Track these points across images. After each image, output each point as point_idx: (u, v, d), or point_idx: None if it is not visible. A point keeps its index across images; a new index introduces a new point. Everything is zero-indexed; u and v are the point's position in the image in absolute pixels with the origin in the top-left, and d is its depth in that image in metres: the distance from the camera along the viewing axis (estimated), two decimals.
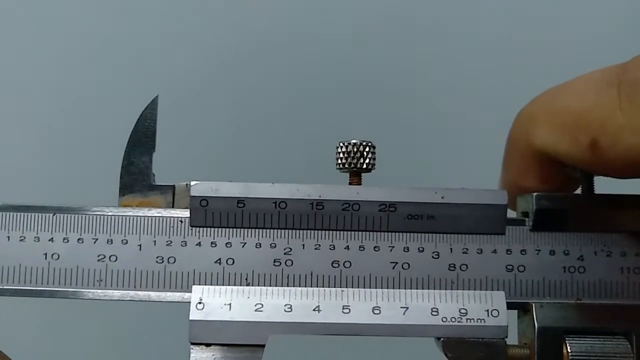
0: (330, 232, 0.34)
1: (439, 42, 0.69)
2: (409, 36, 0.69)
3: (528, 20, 0.70)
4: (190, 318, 0.33)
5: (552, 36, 0.70)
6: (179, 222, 0.34)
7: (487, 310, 0.33)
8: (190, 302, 0.33)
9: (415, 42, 0.69)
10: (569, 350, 0.33)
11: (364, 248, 0.34)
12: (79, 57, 0.68)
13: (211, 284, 0.34)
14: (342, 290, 0.34)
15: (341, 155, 0.35)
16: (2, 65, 0.68)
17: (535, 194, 0.35)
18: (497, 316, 0.33)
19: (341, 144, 0.35)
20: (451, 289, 0.34)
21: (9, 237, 0.34)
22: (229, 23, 0.69)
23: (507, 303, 0.34)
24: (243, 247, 0.34)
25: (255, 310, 0.33)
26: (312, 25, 0.69)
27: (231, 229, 0.34)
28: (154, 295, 0.34)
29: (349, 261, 0.34)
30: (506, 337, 0.33)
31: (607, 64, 0.33)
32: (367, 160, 0.35)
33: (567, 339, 0.34)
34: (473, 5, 0.70)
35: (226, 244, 0.34)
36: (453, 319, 0.33)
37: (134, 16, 0.69)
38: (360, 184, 0.35)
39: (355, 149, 0.35)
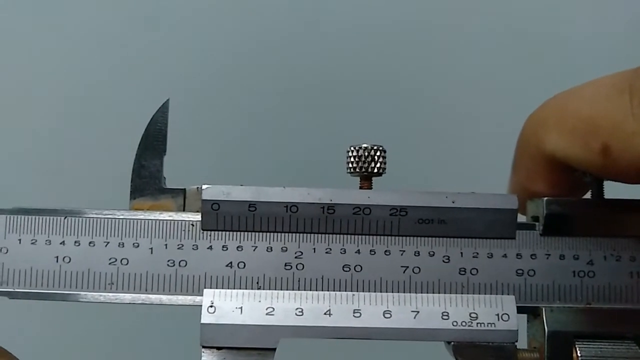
0: (341, 236, 0.34)
1: (451, 46, 0.69)
2: (421, 40, 0.69)
3: (540, 25, 0.70)
4: (202, 321, 0.33)
5: (563, 41, 0.70)
6: (190, 226, 0.34)
7: (498, 315, 0.34)
8: (201, 306, 0.33)
9: (426, 46, 0.69)
10: (579, 355, 0.33)
11: (374, 252, 0.34)
12: (91, 61, 0.68)
13: (222, 288, 0.34)
14: (353, 294, 0.34)
15: (352, 159, 0.35)
16: (13, 68, 0.68)
17: (545, 198, 0.35)
18: (507, 320, 0.33)
19: (352, 148, 0.35)
20: (461, 293, 0.34)
21: (20, 240, 0.34)
22: (240, 26, 0.69)
23: (517, 307, 0.34)
24: (254, 250, 0.34)
25: (267, 314, 0.33)
26: (325, 29, 0.69)
27: (242, 233, 0.34)
28: (165, 298, 0.34)
29: (359, 265, 0.34)
30: (516, 341, 0.34)
31: (615, 64, 0.33)
32: (377, 165, 0.35)
33: (577, 343, 0.34)
34: (486, 9, 0.70)
35: (237, 247, 0.34)
36: (463, 323, 0.33)
37: (146, 19, 0.69)
38: (371, 188, 0.35)
39: (366, 153, 0.35)
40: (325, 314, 0.33)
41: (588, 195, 0.36)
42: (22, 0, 0.69)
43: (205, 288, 0.34)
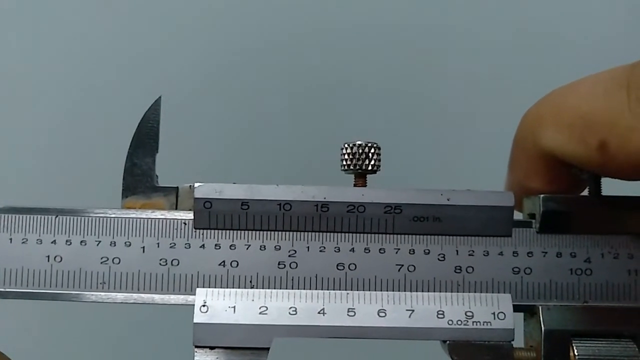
0: (335, 234, 0.34)
1: (444, 43, 0.69)
2: (414, 37, 0.69)
3: (534, 21, 0.70)
4: (195, 321, 0.32)
5: (558, 36, 0.69)
6: (183, 224, 0.34)
7: (494, 313, 0.33)
8: (194, 305, 0.33)
9: (420, 43, 0.69)
10: (576, 353, 0.33)
11: (369, 250, 0.34)
12: (82, 59, 0.68)
13: (215, 287, 0.33)
14: (347, 293, 0.33)
15: (346, 156, 0.35)
16: (4, 67, 0.68)
17: (542, 195, 0.34)
18: (503, 319, 0.33)
19: (346, 145, 0.35)
20: (457, 292, 0.34)
21: (11, 239, 0.33)
22: (232, 24, 0.69)
23: (514, 306, 0.33)
24: (247, 249, 0.34)
25: (260, 313, 0.33)
26: (317, 27, 0.69)
27: (235, 231, 0.34)
28: (157, 298, 0.33)
29: (354, 263, 0.34)
30: (512, 340, 0.33)
31: (613, 63, 0.32)
32: (372, 162, 0.35)
33: (573, 341, 0.33)
34: (478, 7, 0.69)
35: (230, 246, 0.34)
36: (459, 322, 0.33)
37: (137, 17, 0.69)
38: (366, 186, 0.35)
39: (360, 150, 0.35)
40: (319, 313, 0.33)
41: (585, 192, 0.36)
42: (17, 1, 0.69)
43: (197, 287, 0.33)
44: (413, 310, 0.33)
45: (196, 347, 0.32)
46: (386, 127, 0.67)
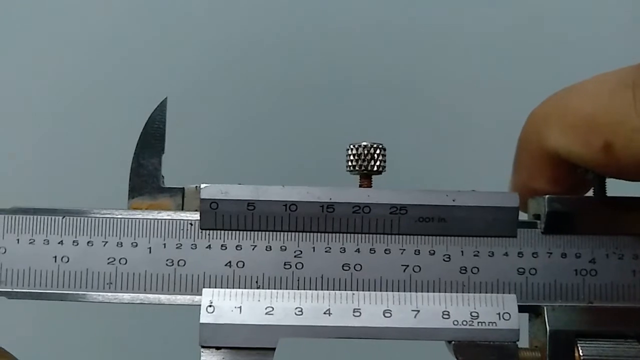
0: (341, 234, 0.34)
1: (450, 43, 0.69)
2: (421, 37, 0.69)
3: (538, 22, 0.70)
4: (201, 321, 0.33)
5: (562, 37, 0.69)
6: (189, 225, 0.34)
7: (499, 314, 0.33)
8: (200, 305, 0.33)
9: (427, 44, 0.69)
10: (581, 354, 0.33)
11: (374, 251, 0.34)
12: (89, 60, 0.68)
13: (221, 287, 0.33)
14: (353, 293, 0.34)
15: (352, 157, 0.35)
16: (9, 68, 0.68)
17: (547, 196, 0.34)
18: (508, 319, 0.33)
19: (352, 146, 0.35)
20: (462, 292, 0.34)
21: (18, 240, 0.34)
22: (238, 24, 0.69)
23: (519, 306, 0.34)
24: (253, 249, 0.34)
25: (266, 314, 0.33)
26: (323, 28, 0.69)
27: (241, 232, 0.34)
28: (164, 298, 0.33)
29: (359, 264, 0.34)
30: (518, 340, 0.33)
31: (618, 64, 0.32)
32: (377, 163, 0.35)
33: (578, 342, 0.33)
34: (482, 8, 0.69)
35: (236, 246, 0.34)
36: (464, 322, 0.33)
37: (143, 17, 0.69)
38: (371, 187, 0.35)
39: (365, 151, 0.35)
40: (324, 313, 0.33)
41: (590, 193, 0.36)
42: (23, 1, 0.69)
43: (204, 287, 0.33)
44: (418, 311, 0.33)
45: (202, 347, 0.33)
46: (391, 128, 0.67)
